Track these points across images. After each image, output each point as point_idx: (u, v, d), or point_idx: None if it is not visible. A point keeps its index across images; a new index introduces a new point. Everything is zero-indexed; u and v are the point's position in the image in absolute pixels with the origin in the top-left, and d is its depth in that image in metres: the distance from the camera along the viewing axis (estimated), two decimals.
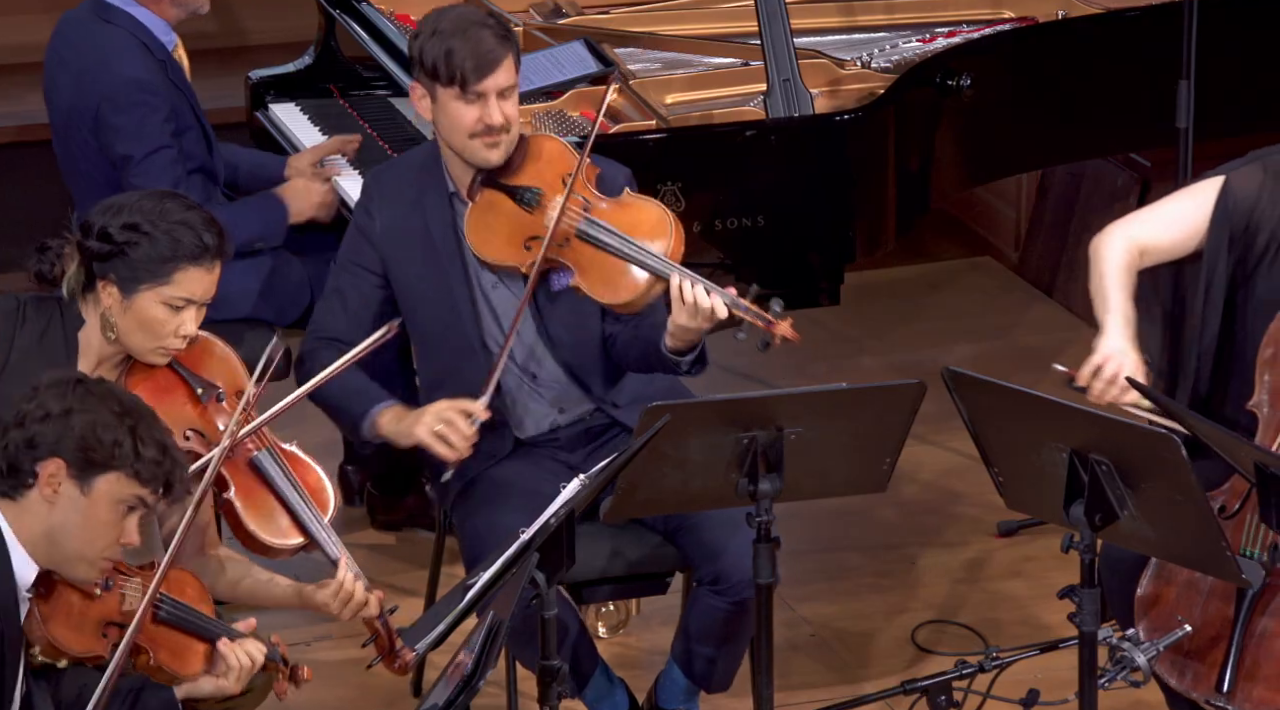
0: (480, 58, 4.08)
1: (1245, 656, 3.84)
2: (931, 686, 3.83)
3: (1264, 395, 4.00)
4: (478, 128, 4.11)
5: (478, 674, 3.50)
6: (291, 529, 3.90)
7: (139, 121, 4.71)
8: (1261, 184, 4.07)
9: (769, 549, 3.80)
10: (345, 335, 4.22)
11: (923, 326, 5.97)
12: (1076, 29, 5.17)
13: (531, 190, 4.13)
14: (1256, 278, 4.07)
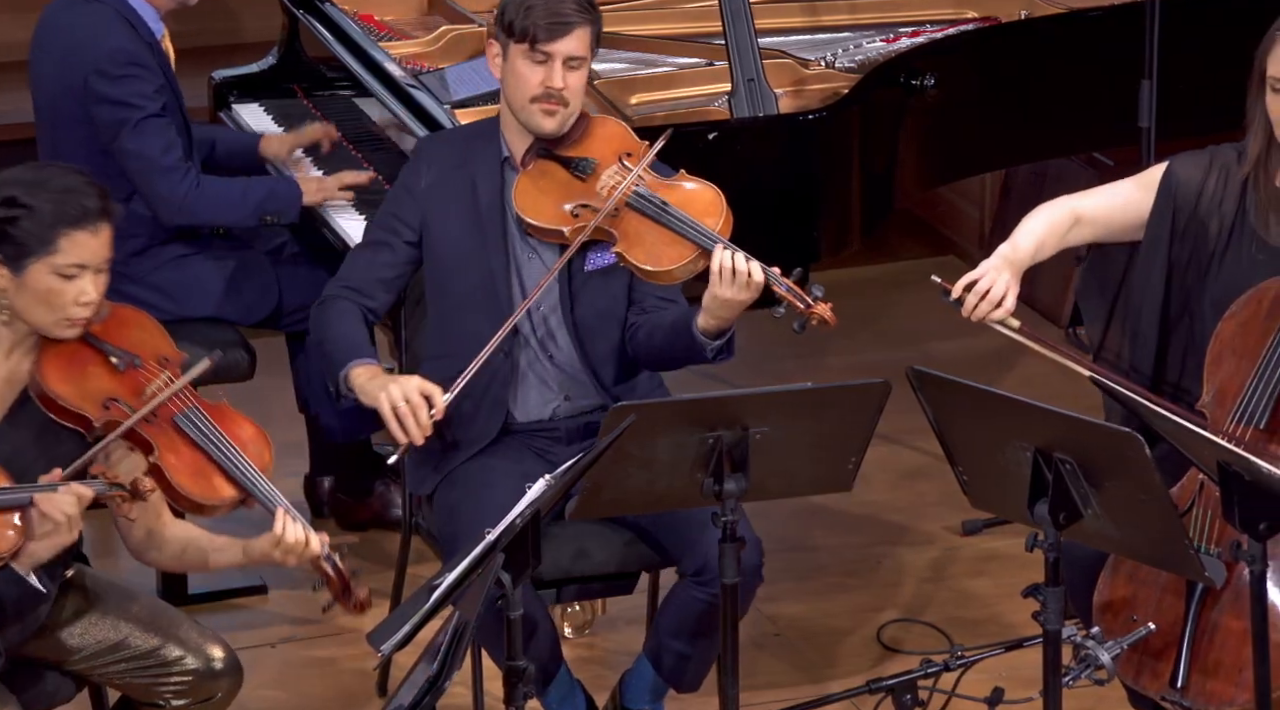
0: (555, 18, 4.11)
1: (1198, 651, 3.86)
2: (897, 685, 3.83)
3: (1210, 397, 4.02)
4: (539, 90, 4.14)
5: (444, 674, 3.49)
6: (224, 484, 3.90)
7: (130, 90, 4.72)
8: (1207, 172, 4.10)
9: (735, 549, 3.80)
10: (368, 291, 4.25)
11: (887, 326, 5.98)
12: (1039, 29, 5.18)
13: (586, 160, 4.17)
14: (1211, 271, 4.09)
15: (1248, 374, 3.97)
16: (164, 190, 4.76)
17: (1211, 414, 4.01)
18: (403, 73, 5.02)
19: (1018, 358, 5.85)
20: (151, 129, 4.73)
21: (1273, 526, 3.61)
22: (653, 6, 5.29)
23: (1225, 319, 4.03)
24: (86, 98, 4.73)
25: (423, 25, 5.38)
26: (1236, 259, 4.07)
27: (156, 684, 3.92)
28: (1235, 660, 3.85)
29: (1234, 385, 3.99)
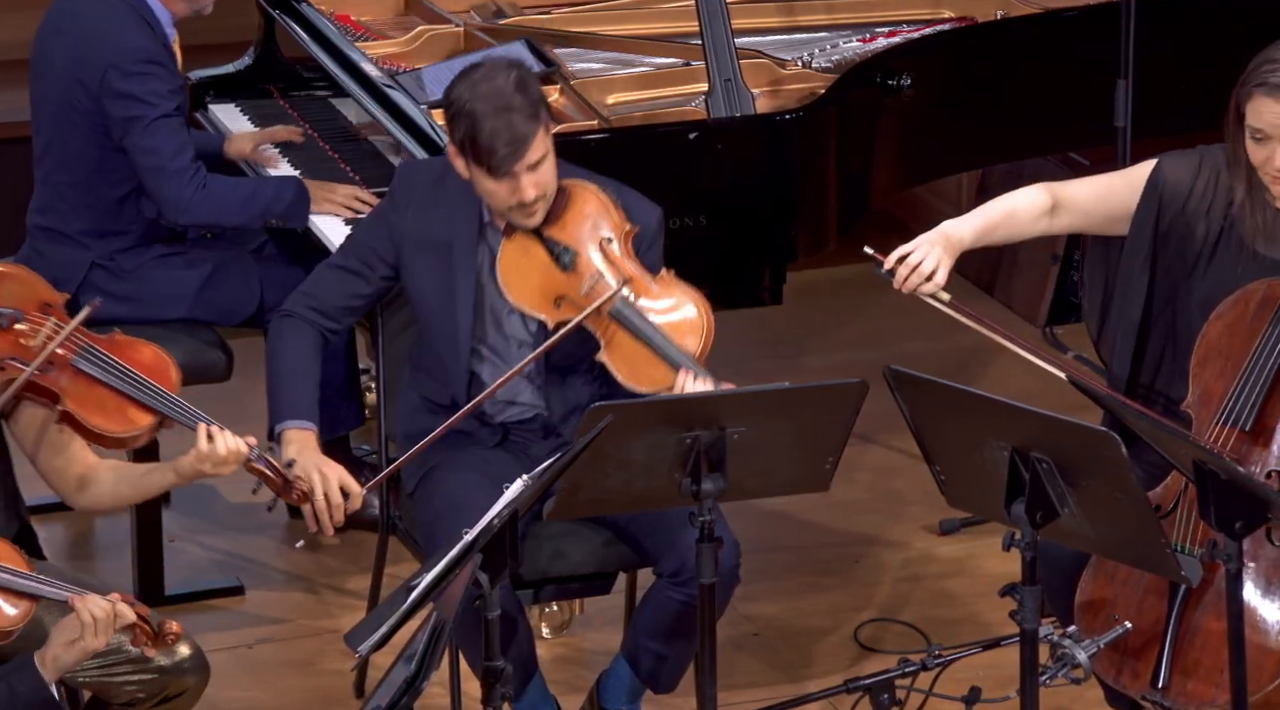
0: (509, 144, 4.03)
1: (1180, 652, 3.87)
2: (874, 685, 3.83)
3: (1195, 398, 4.03)
4: (512, 202, 4.10)
5: (421, 675, 3.49)
6: (138, 413, 3.90)
7: (147, 88, 4.72)
8: (1196, 173, 4.11)
9: (712, 548, 3.80)
10: (332, 313, 4.26)
11: (864, 326, 5.99)
12: (1015, 29, 5.19)
13: (570, 251, 4.12)
14: (1194, 280, 4.10)
15: (1233, 376, 3.98)
16: (171, 192, 4.76)
17: (1197, 415, 4.02)
18: (379, 73, 5.01)
19: (995, 357, 5.86)
20: (165, 129, 4.73)
21: (1249, 525, 3.61)
22: (629, 6, 5.29)
23: (1211, 320, 4.04)
24: (102, 91, 4.73)
25: (399, 25, 5.38)
26: (1223, 264, 4.08)
27: (125, 682, 3.92)
28: (1216, 661, 3.85)
29: (1219, 387, 4.00)
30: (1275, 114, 3.96)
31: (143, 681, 3.92)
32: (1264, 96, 3.97)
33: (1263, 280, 4.01)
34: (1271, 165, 3.99)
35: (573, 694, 4.44)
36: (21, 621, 3.71)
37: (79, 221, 4.83)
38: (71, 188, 4.82)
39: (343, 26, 5.27)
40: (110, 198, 4.83)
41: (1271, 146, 3.98)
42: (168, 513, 4.98)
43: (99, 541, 5.12)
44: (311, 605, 4.93)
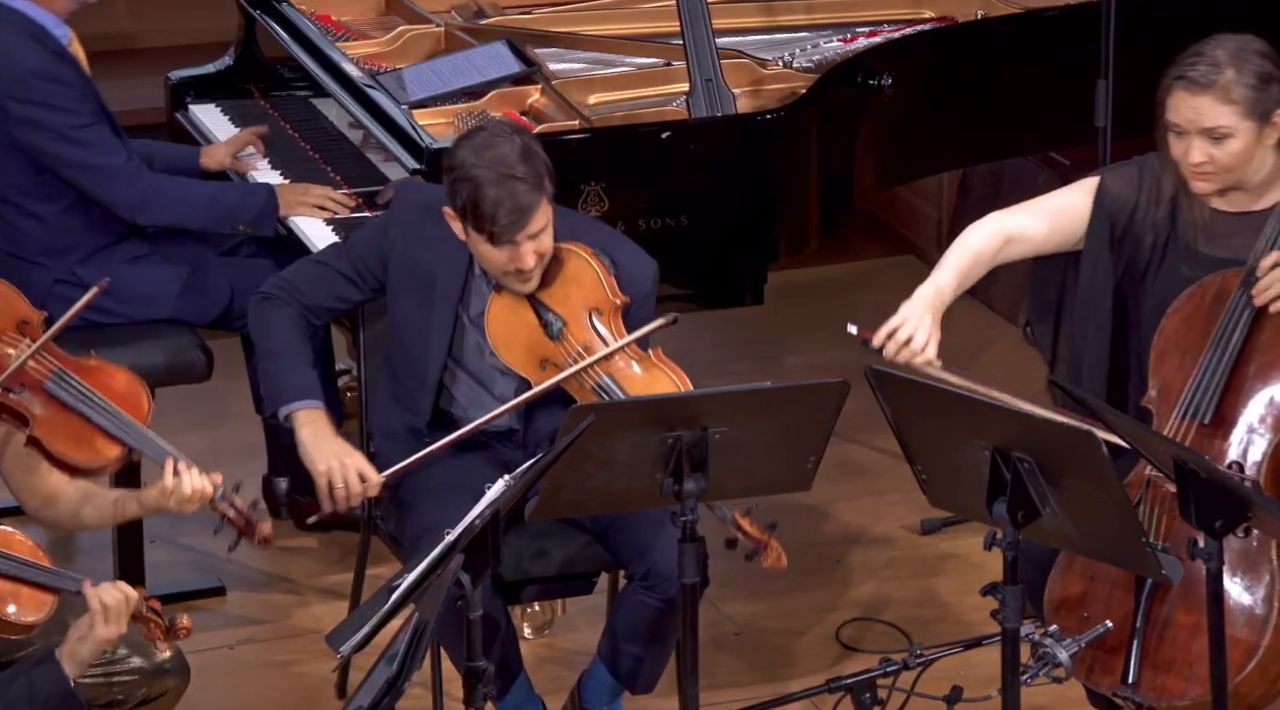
0: (511, 214, 4.01)
1: (1148, 646, 3.88)
2: (856, 684, 3.84)
3: (1155, 392, 4.05)
4: (509, 268, 4.09)
5: (403, 675, 3.49)
6: (106, 444, 3.88)
7: (54, 108, 4.66)
8: (1139, 186, 4.14)
9: (694, 548, 3.80)
10: (315, 309, 4.24)
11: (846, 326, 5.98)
12: (996, 29, 5.20)
13: (559, 320, 4.11)
14: (1147, 282, 4.12)
15: (1191, 369, 4.00)
16: (119, 193, 4.73)
17: (1157, 410, 4.03)
18: (360, 73, 5.00)
19: (975, 357, 5.87)
20: (85, 138, 4.68)
21: (1229, 524, 3.62)
22: (610, 6, 5.29)
23: (1169, 315, 4.06)
24: (8, 123, 4.68)
25: (380, 25, 5.37)
26: (1171, 268, 4.11)
27: (106, 683, 3.91)
28: (1185, 655, 3.87)
29: (1178, 381, 4.02)
30: (1190, 108, 3.98)
31: (123, 683, 3.91)
32: (1181, 90, 4.00)
33: (1218, 273, 4.03)
34: (1188, 160, 4.00)
35: (555, 694, 4.44)
36: (42, 615, 3.70)
37: (30, 243, 4.78)
38: (13, 213, 4.77)
39: (323, 26, 5.26)
40: (51, 214, 4.77)
41: (1188, 141, 4.00)
42: None
43: (80, 543, 5.11)
44: (293, 606, 4.92)
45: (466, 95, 4.93)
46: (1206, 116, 3.97)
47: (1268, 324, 3.98)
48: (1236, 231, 4.06)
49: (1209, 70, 3.97)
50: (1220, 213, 4.09)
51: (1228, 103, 3.96)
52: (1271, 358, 3.96)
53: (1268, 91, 3.98)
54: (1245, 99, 3.96)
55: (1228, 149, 3.98)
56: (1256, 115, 3.98)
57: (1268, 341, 3.97)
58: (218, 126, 5.31)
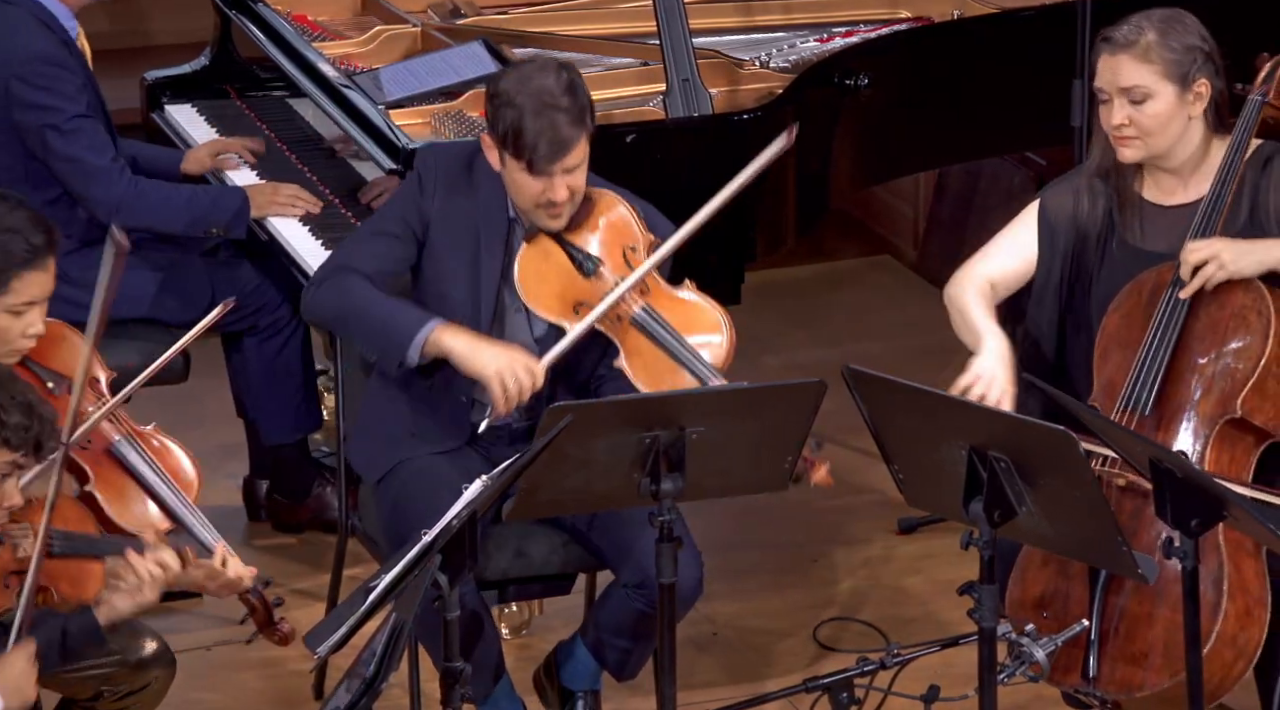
0: (551, 144, 4.02)
1: (1106, 640, 3.90)
2: (833, 684, 3.84)
3: (1099, 390, 4.07)
4: (541, 200, 4.09)
5: (380, 676, 3.48)
6: (156, 515, 3.88)
7: (54, 93, 4.68)
8: (1076, 194, 4.17)
9: (672, 548, 3.80)
10: (373, 277, 4.14)
11: (823, 325, 6.00)
12: (972, 29, 5.21)
13: (591, 258, 4.11)
14: (1093, 284, 4.15)
15: (1131, 364, 4.02)
16: (99, 193, 4.73)
17: (1101, 406, 4.05)
18: (336, 73, 5.00)
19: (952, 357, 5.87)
20: (80, 130, 4.70)
21: (1205, 523, 3.63)
22: (587, 7, 5.29)
23: (1109, 313, 4.09)
24: (9, 103, 4.69)
25: (356, 25, 5.37)
26: (1111, 266, 4.13)
27: (89, 678, 3.91)
28: (1144, 646, 3.89)
29: (1120, 376, 4.04)
30: (1109, 69, 4.03)
31: (108, 676, 3.91)
32: (1104, 53, 4.06)
33: (1153, 269, 4.06)
34: (1110, 122, 4.03)
35: (533, 694, 4.44)
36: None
37: None
38: None
39: (299, 26, 5.26)
40: (37, 204, 4.76)
41: (1111, 105, 4.03)
42: None
43: None
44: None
45: (443, 95, 4.92)
46: (1124, 75, 4.01)
47: (1203, 313, 4.01)
48: (1171, 225, 4.09)
49: (1130, 31, 4.03)
50: (1153, 206, 4.12)
51: (1145, 62, 4.00)
52: (1207, 345, 4.00)
53: (1189, 58, 4.02)
54: (1164, 60, 4.00)
55: (1148, 110, 4.01)
56: (1176, 79, 4.01)
57: (1203, 330, 4.00)
58: (193, 127, 5.30)
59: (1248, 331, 3.96)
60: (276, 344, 4.98)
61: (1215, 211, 4.04)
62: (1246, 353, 3.96)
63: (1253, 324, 3.96)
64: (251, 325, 4.98)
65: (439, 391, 4.23)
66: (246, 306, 4.93)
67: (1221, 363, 3.97)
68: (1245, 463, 3.99)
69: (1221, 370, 3.97)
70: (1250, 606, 3.87)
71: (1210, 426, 3.95)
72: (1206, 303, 4.01)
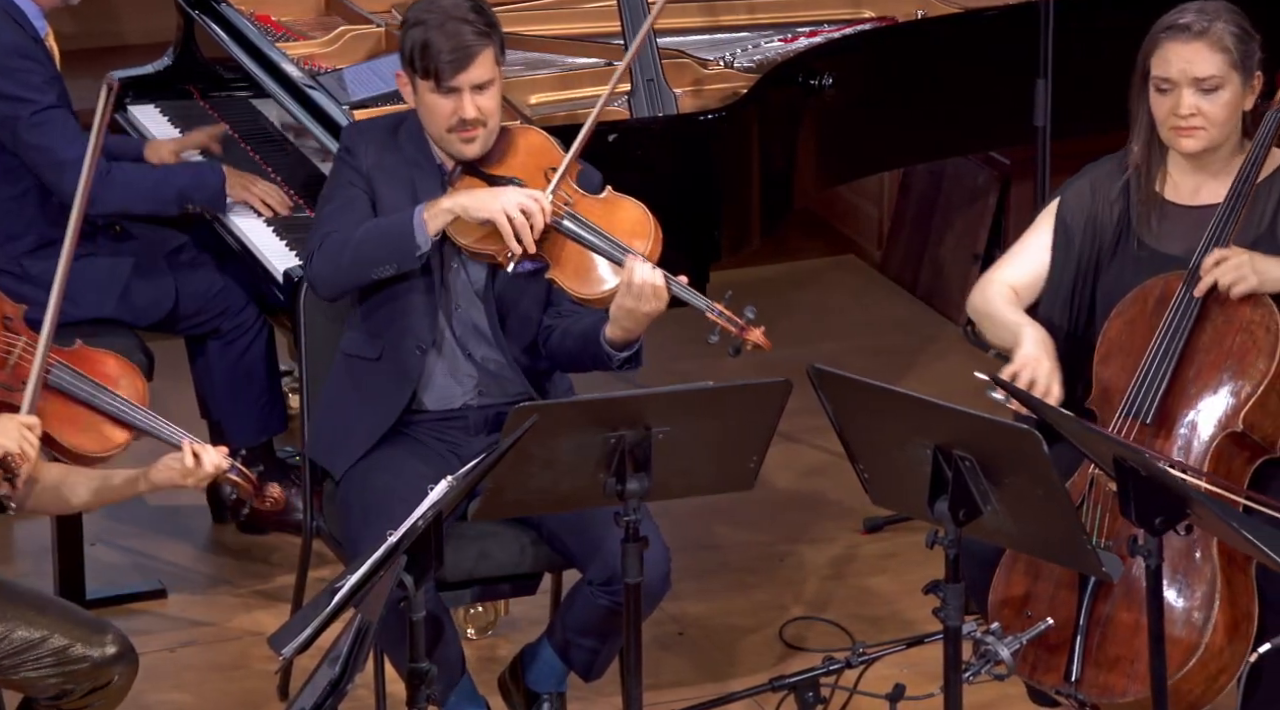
0: (455, 53, 4.09)
1: (1091, 644, 3.90)
2: (799, 683, 3.84)
3: (1098, 394, 4.07)
4: (452, 121, 4.12)
5: (346, 677, 3.48)
6: (115, 431, 3.87)
7: (24, 83, 4.68)
8: (1092, 190, 4.16)
9: (638, 548, 3.81)
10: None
11: (788, 325, 6.00)
12: (935, 29, 5.22)
13: (513, 181, 4.14)
14: (1100, 280, 4.15)
15: (1134, 371, 4.02)
16: (71, 181, 4.72)
17: (1100, 411, 4.06)
18: (300, 73, 4.99)
19: (917, 356, 5.89)
20: (51, 121, 4.69)
21: (1168, 521, 3.65)
22: (552, 6, 5.29)
23: (1112, 317, 4.08)
24: None
25: (320, 25, 5.36)
26: (1122, 262, 4.13)
27: (50, 675, 3.89)
28: (1128, 652, 3.90)
29: (1120, 382, 4.04)
30: (1182, 58, 3.99)
31: (70, 673, 3.89)
32: (1171, 42, 4.01)
33: (1160, 276, 4.06)
34: (1178, 112, 4.01)
35: (498, 695, 4.44)
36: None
37: None
38: None
39: (263, 27, 5.24)
40: (6, 196, 4.78)
41: (1177, 93, 4.01)
42: (88, 516, 4.94)
43: (19, 546, 5.09)
44: (235, 608, 4.90)
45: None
46: (1200, 64, 3.97)
47: (1209, 325, 4.00)
48: (1185, 227, 4.09)
49: (1199, 19, 3.99)
50: (1173, 205, 4.11)
51: (1221, 49, 3.98)
52: (1213, 358, 3.99)
53: (1250, 45, 4.02)
54: (1236, 48, 3.98)
55: (1218, 101, 3.99)
56: (1243, 69, 4.00)
57: (1209, 342, 4.00)
58: (157, 127, 5.28)
59: (1255, 347, 3.96)
60: (240, 347, 4.97)
61: (1230, 220, 4.03)
62: (1252, 368, 3.95)
63: (1260, 339, 3.96)
64: (215, 328, 4.97)
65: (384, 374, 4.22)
66: (211, 309, 4.92)
67: (1226, 376, 3.97)
68: (1242, 476, 3.99)
69: (1226, 384, 3.96)
70: (1238, 620, 3.88)
71: (1211, 439, 3.96)
72: (1214, 316, 4.00)
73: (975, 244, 6.06)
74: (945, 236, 6.16)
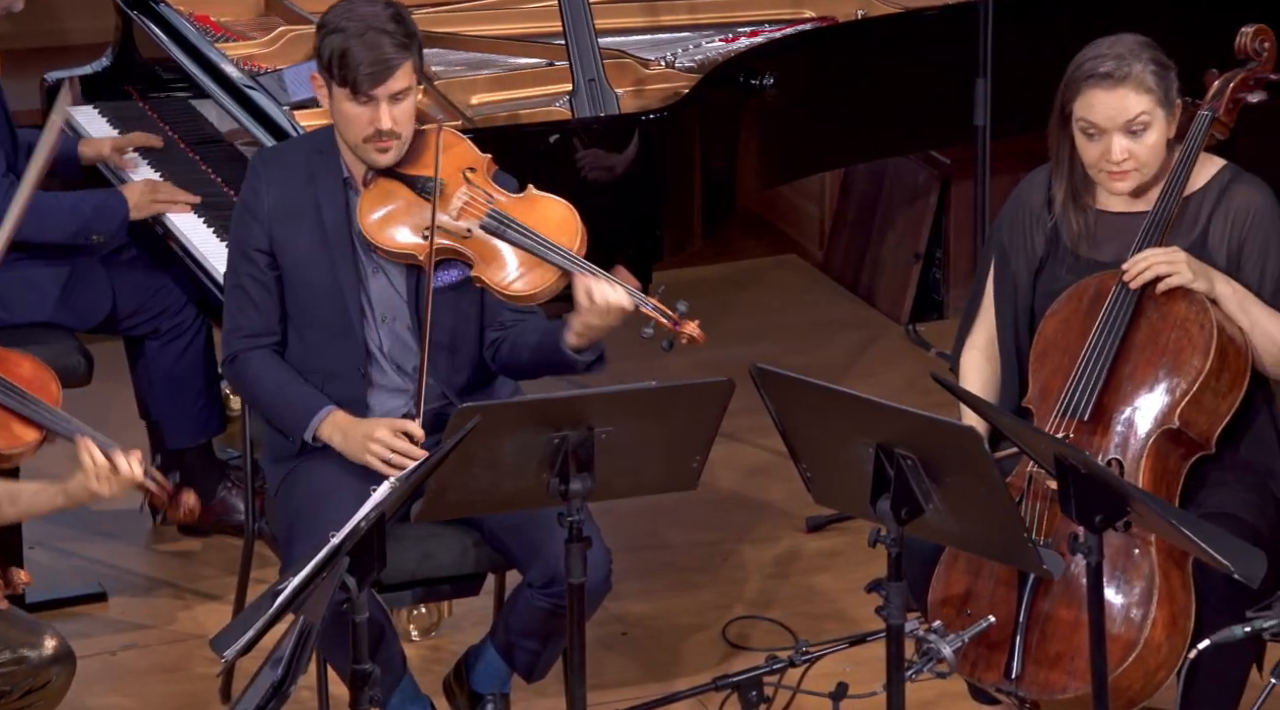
0: (375, 66, 4.06)
1: (1031, 642, 3.92)
2: (743, 682, 3.85)
3: (1035, 393, 4.09)
4: (368, 132, 4.11)
5: (288, 679, 3.47)
6: (24, 429, 3.84)
7: None
8: (1024, 206, 4.18)
9: (581, 549, 3.80)
10: (265, 329, 4.21)
11: (731, 325, 6.01)
12: (876, 29, 5.23)
13: (433, 180, 4.13)
14: (1037, 286, 4.17)
15: (1070, 369, 4.04)
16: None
17: (1037, 409, 4.08)
18: (240, 74, 4.97)
19: (859, 355, 5.90)
20: None
21: (1108, 519, 3.66)
22: (493, 7, 5.28)
23: (1048, 317, 4.11)
24: None
25: (260, 26, 5.34)
26: (1056, 271, 4.15)
27: None
28: (1067, 648, 3.91)
29: (1057, 381, 4.06)
30: (1108, 105, 4.01)
31: (7, 674, 3.87)
32: (1095, 89, 4.02)
33: (1095, 275, 4.08)
34: (1108, 158, 4.03)
35: (443, 696, 4.43)
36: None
37: None
38: None
39: (202, 27, 5.22)
40: None
41: (1106, 139, 4.03)
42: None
43: None
44: (176, 610, 4.88)
45: None
46: (1129, 108, 3.99)
47: (1144, 322, 4.03)
48: (1116, 234, 4.11)
49: (1119, 64, 4.00)
50: (1102, 212, 4.14)
51: (1144, 91, 3.99)
52: (1149, 355, 4.02)
53: (1169, 77, 4.04)
54: (1158, 86, 4.00)
55: (1147, 141, 4.01)
56: (1165, 103, 4.02)
57: (1145, 340, 4.02)
58: (95, 128, 5.26)
59: (1190, 344, 3.98)
60: (179, 347, 4.96)
61: (1160, 224, 4.05)
62: (1188, 365, 3.97)
63: (1195, 336, 3.98)
64: (155, 328, 4.95)
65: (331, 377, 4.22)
66: (150, 309, 4.90)
67: (1162, 373, 3.99)
68: (1178, 473, 4.01)
69: (1162, 381, 3.99)
70: (1176, 616, 3.90)
71: (1148, 436, 3.98)
72: (1149, 313, 4.02)
73: (916, 243, 6.08)
74: (886, 236, 6.18)
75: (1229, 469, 4.04)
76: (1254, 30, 4.21)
